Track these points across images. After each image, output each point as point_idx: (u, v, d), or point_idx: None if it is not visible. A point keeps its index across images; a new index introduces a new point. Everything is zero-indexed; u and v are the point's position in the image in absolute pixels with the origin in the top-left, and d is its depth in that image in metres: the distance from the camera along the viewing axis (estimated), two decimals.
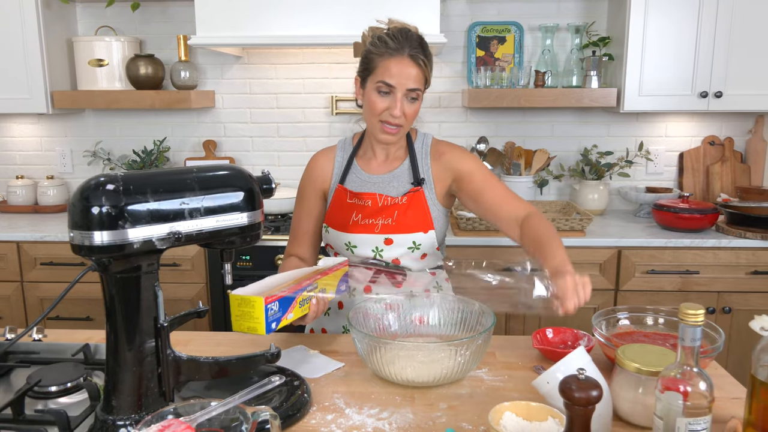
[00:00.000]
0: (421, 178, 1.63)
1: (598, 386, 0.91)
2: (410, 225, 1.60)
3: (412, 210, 1.61)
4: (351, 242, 1.62)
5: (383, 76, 1.51)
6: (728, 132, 3.06)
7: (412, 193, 1.62)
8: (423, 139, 1.69)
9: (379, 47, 1.52)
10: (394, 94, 1.51)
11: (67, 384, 1.23)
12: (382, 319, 1.42)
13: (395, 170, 1.66)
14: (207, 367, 1.07)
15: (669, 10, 2.64)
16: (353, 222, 1.62)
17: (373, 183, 1.65)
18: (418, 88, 1.53)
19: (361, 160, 1.70)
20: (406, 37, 1.53)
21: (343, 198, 1.65)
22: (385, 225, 1.60)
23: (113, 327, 1.02)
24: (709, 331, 1.28)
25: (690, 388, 0.93)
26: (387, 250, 1.61)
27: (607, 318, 1.37)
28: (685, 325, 0.93)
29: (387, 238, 1.60)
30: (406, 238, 1.60)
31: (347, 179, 1.68)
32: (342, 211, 1.65)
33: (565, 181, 3.14)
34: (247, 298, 1.21)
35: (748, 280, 2.52)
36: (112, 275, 1.00)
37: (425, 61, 1.53)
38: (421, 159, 1.66)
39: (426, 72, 1.54)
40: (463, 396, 1.22)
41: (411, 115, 1.56)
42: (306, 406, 1.16)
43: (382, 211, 1.61)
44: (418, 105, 1.56)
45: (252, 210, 1.09)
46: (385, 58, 1.51)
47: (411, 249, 1.61)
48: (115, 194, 0.95)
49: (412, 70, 1.51)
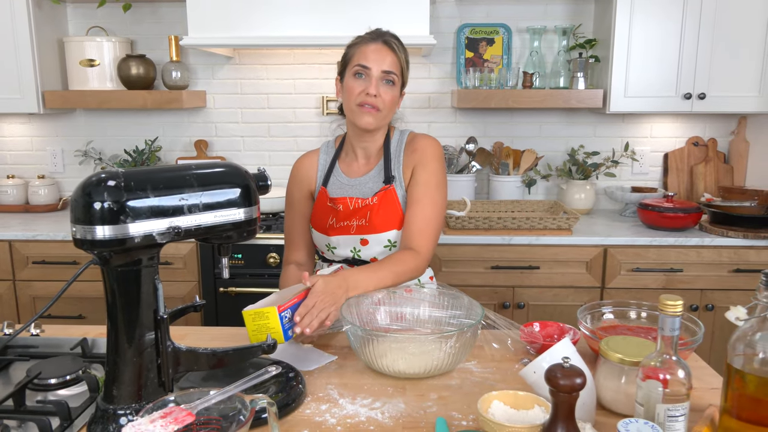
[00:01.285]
0: (392, 176, 1.68)
1: (582, 374, 0.95)
2: (382, 224, 1.64)
3: (384, 209, 1.65)
4: (330, 244, 1.69)
5: (359, 60, 1.60)
6: (711, 133, 3.13)
7: (383, 192, 1.66)
8: (400, 136, 1.74)
9: (355, 41, 1.63)
10: (370, 76, 1.58)
11: (66, 376, 1.25)
12: (374, 313, 1.45)
13: (371, 171, 1.71)
14: (205, 358, 1.10)
15: (654, 13, 2.70)
16: (329, 225, 1.68)
17: (351, 186, 1.71)
18: (394, 71, 1.59)
19: (343, 163, 1.75)
20: (381, 32, 1.64)
21: (324, 201, 1.71)
22: (359, 226, 1.65)
23: (114, 319, 1.05)
24: (690, 324, 1.33)
25: (669, 376, 0.98)
26: (364, 250, 1.67)
27: (592, 312, 1.41)
28: (665, 315, 0.97)
29: (362, 238, 1.65)
30: (380, 238, 1.65)
31: (329, 182, 1.73)
32: (322, 213, 1.71)
33: (552, 181, 3.19)
34: (261, 311, 1.27)
35: (730, 278, 2.58)
36: (113, 269, 1.03)
37: (399, 46, 1.62)
38: (395, 156, 1.71)
39: (401, 60, 1.62)
40: (452, 387, 1.26)
41: (388, 102, 1.60)
42: (301, 396, 1.19)
43: (355, 213, 1.65)
44: (395, 91, 1.61)
45: (248, 206, 1.12)
46: (360, 46, 1.61)
47: (387, 247, 1.66)
48: (117, 190, 0.98)
49: (388, 54, 1.59)
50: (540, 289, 2.62)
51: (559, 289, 2.62)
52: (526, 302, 2.62)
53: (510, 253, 2.59)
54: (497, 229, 2.64)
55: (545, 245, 2.58)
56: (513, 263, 2.59)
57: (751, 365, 0.96)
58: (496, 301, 2.62)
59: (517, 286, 2.62)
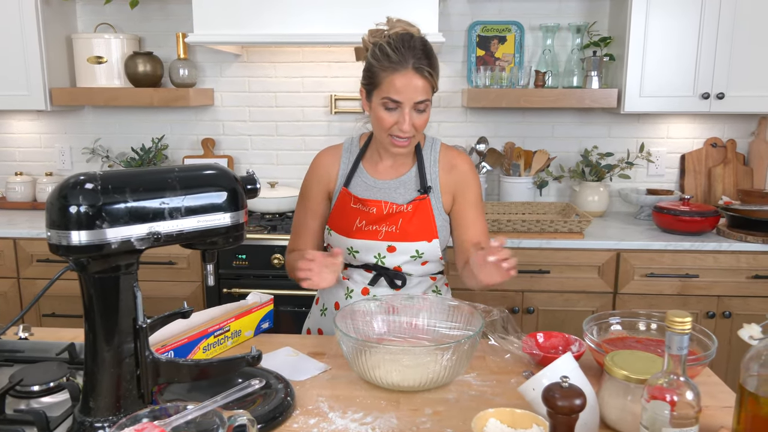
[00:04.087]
0: (428, 186, 1.60)
1: (582, 394, 0.89)
2: (414, 234, 1.57)
3: (417, 218, 1.58)
4: (353, 247, 1.60)
5: (389, 92, 1.46)
6: (731, 134, 3.03)
7: (418, 201, 1.59)
8: (431, 145, 1.66)
9: (382, 61, 1.47)
10: (402, 109, 1.47)
11: (49, 383, 1.21)
12: (371, 321, 1.40)
13: (402, 176, 1.62)
14: (187, 369, 1.06)
15: (671, 9, 2.61)
16: (357, 228, 1.58)
17: (379, 189, 1.62)
18: (426, 99, 1.49)
19: (368, 163, 1.66)
20: (408, 47, 1.46)
21: (347, 202, 1.62)
22: (389, 232, 1.57)
23: (92, 328, 1.01)
24: (702, 338, 1.26)
25: (677, 398, 0.91)
26: (389, 257, 1.59)
27: (598, 323, 1.35)
28: (672, 332, 0.91)
29: (390, 245, 1.57)
30: (409, 247, 1.57)
31: (352, 182, 1.64)
32: (345, 215, 1.61)
33: (565, 183, 3.11)
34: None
35: (748, 284, 2.49)
36: (90, 275, 0.98)
37: (431, 72, 1.48)
38: (429, 166, 1.63)
39: (432, 81, 1.49)
40: (449, 401, 1.20)
41: (420, 126, 1.52)
42: (289, 409, 1.14)
43: (386, 218, 1.58)
44: (426, 114, 1.52)
45: (235, 210, 1.08)
46: (388, 73, 1.46)
47: (414, 258, 1.59)
48: (93, 193, 0.94)
49: (419, 82, 1.46)
50: (550, 294, 2.55)
51: (570, 294, 2.55)
52: (535, 307, 2.56)
53: (519, 256, 2.48)
54: (506, 231, 2.57)
55: (556, 249, 2.51)
56: (522, 267, 2.52)
57: (766, 387, 0.89)
58: (505, 305, 2.55)
59: (526, 291, 2.55)
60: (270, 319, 1.56)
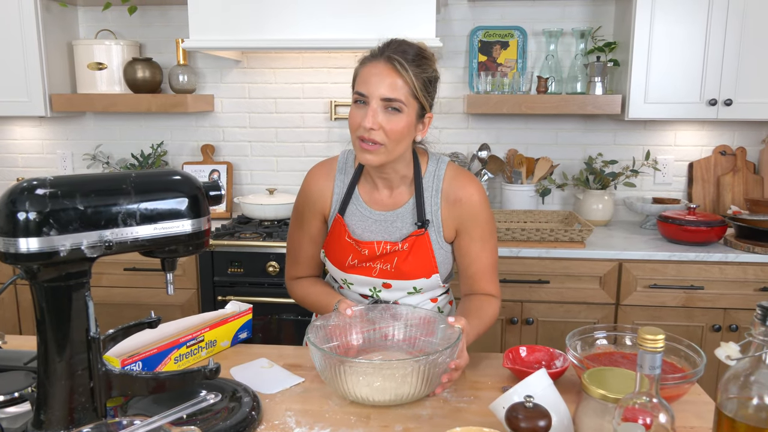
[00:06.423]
0: (426, 220, 1.46)
1: (547, 415, 0.84)
2: (410, 272, 1.46)
3: (414, 256, 1.45)
4: (347, 280, 1.52)
5: (358, 85, 1.35)
6: (740, 141, 2.94)
7: (415, 237, 1.45)
8: (435, 171, 1.49)
9: (364, 54, 1.40)
10: (369, 104, 1.32)
11: (14, 393, 1.18)
12: (346, 333, 1.35)
13: (399, 209, 1.48)
14: (142, 382, 1.02)
15: (677, 14, 2.55)
16: (349, 264, 1.49)
17: (374, 221, 1.49)
18: (397, 98, 1.30)
19: (363, 189, 1.51)
20: (389, 43, 1.36)
21: (341, 233, 1.49)
22: (383, 270, 1.47)
23: (43, 338, 0.97)
24: (690, 353, 1.20)
25: (650, 419, 0.85)
26: (385, 292, 1.51)
27: (583, 337, 1.29)
28: (644, 351, 0.85)
29: (385, 282, 1.48)
30: (405, 284, 1.48)
31: (348, 210, 1.50)
32: (340, 246, 1.50)
33: (568, 191, 3.04)
34: (107, 358, 1.19)
35: (756, 296, 2.41)
36: (40, 284, 0.95)
37: (404, 65, 1.30)
38: (430, 197, 1.47)
39: (410, 81, 1.31)
40: (422, 417, 1.15)
41: (393, 132, 1.32)
42: (253, 424, 1.10)
43: (380, 258, 1.47)
44: (402, 121, 1.32)
45: (196, 217, 1.04)
46: (364, 65, 1.37)
47: (411, 294, 1.51)
48: (42, 199, 0.91)
49: (388, 76, 1.30)
50: (550, 304, 2.48)
51: (571, 305, 2.48)
52: (535, 318, 2.49)
53: (518, 266, 2.46)
54: (506, 240, 2.51)
55: (556, 258, 2.44)
56: (522, 277, 2.46)
57: (744, 411, 0.83)
58: (503, 316, 2.50)
59: (525, 301, 2.49)
60: (249, 329, 1.52)
